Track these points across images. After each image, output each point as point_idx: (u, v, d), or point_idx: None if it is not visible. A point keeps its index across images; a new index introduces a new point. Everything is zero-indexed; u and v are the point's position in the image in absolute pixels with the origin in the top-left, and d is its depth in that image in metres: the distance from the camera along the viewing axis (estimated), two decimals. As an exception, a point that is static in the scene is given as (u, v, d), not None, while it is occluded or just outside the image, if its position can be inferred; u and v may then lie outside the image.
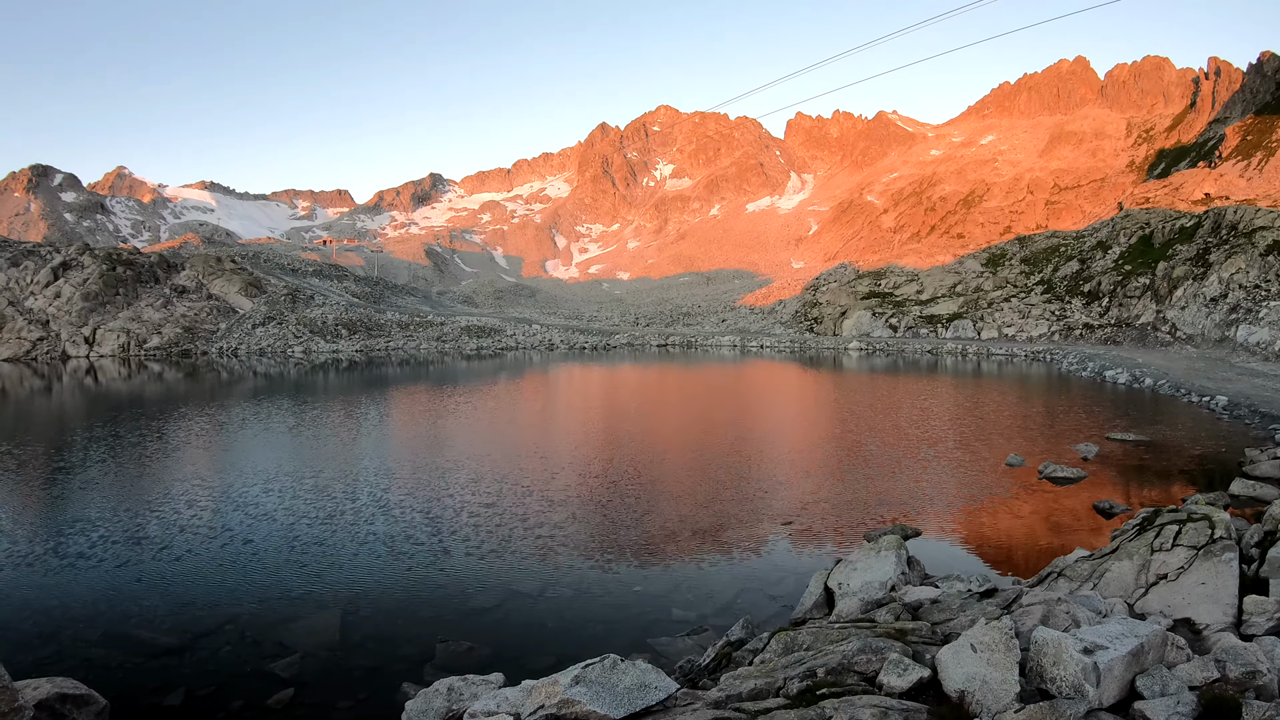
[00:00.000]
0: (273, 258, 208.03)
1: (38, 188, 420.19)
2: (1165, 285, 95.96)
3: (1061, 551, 15.78)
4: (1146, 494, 23.51)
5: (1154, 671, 6.76)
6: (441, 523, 20.06)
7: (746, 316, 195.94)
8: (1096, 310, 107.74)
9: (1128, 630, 7.06)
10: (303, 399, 54.15)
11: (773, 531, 19.32)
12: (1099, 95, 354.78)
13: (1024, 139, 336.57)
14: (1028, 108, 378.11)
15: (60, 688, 9.86)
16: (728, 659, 10.56)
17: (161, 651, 13.01)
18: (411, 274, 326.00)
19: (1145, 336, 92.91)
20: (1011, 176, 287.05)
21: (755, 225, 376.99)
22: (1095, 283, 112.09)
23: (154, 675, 12.24)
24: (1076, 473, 25.39)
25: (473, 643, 13.04)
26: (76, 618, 14.47)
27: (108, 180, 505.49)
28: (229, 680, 12.03)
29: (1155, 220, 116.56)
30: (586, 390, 63.13)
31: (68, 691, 9.84)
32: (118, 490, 25.60)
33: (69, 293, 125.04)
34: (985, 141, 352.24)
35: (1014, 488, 23.97)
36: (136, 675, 12.25)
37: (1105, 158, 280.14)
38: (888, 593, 11.93)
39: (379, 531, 19.34)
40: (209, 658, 12.77)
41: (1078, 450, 29.89)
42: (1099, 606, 9.56)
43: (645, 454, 31.16)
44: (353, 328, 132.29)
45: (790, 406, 50.21)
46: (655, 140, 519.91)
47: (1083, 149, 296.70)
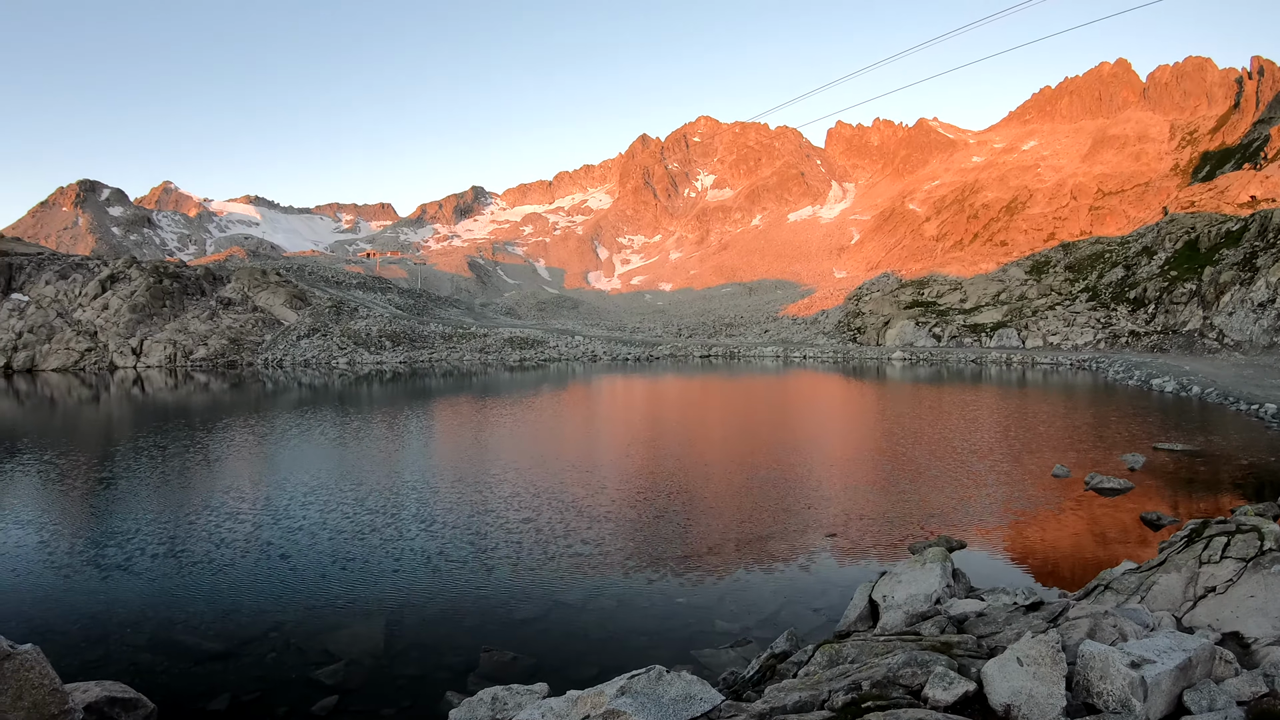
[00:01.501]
0: (317, 270, 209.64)
1: (85, 202, 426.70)
2: (1212, 291, 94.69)
3: (1108, 564, 15.54)
4: (1195, 505, 23.11)
5: (1202, 686, 6.63)
6: (485, 533, 20.06)
7: (789, 327, 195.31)
8: (1142, 317, 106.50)
9: (1175, 644, 6.94)
10: (347, 410, 54.54)
11: (816, 543, 19.19)
12: (1141, 98, 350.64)
13: (1066, 144, 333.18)
14: (1069, 112, 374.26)
15: (109, 691, 9.94)
16: (772, 671, 10.48)
17: (207, 657, 13.10)
18: (454, 286, 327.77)
19: (1192, 343, 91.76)
20: (1054, 182, 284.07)
21: (797, 235, 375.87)
22: (1141, 289, 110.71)
23: (200, 680, 12.31)
24: (1123, 483, 25.02)
25: (516, 652, 13.00)
26: (123, 622, 14.60)
27: (154, 195, 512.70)
28: (274, 686, 12.08)
29: (1201, 224, 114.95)
30: (629, 401, 63.10)
31: (116, 695, 9.91)
32: (164, 498, 25.88)
33: (117, 305, 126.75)
34: (1027, 147, 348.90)
35: (1060, 499, 23.66)
36: (182, 680, 12.33)
37: (1149, 161, 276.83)
38: (933, 605, 11.79)
39: (423, 541, 19.37)
40: (254, 664, 12.82)
41: (1124, 460, 29.48)
42: (1146, 620, 9.40)
43: (688, 465, 31.08)
44: (396, 339, 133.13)
45: (834, 417, 49.93)
46: (696, 151, 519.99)
47: (1126, 153, 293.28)
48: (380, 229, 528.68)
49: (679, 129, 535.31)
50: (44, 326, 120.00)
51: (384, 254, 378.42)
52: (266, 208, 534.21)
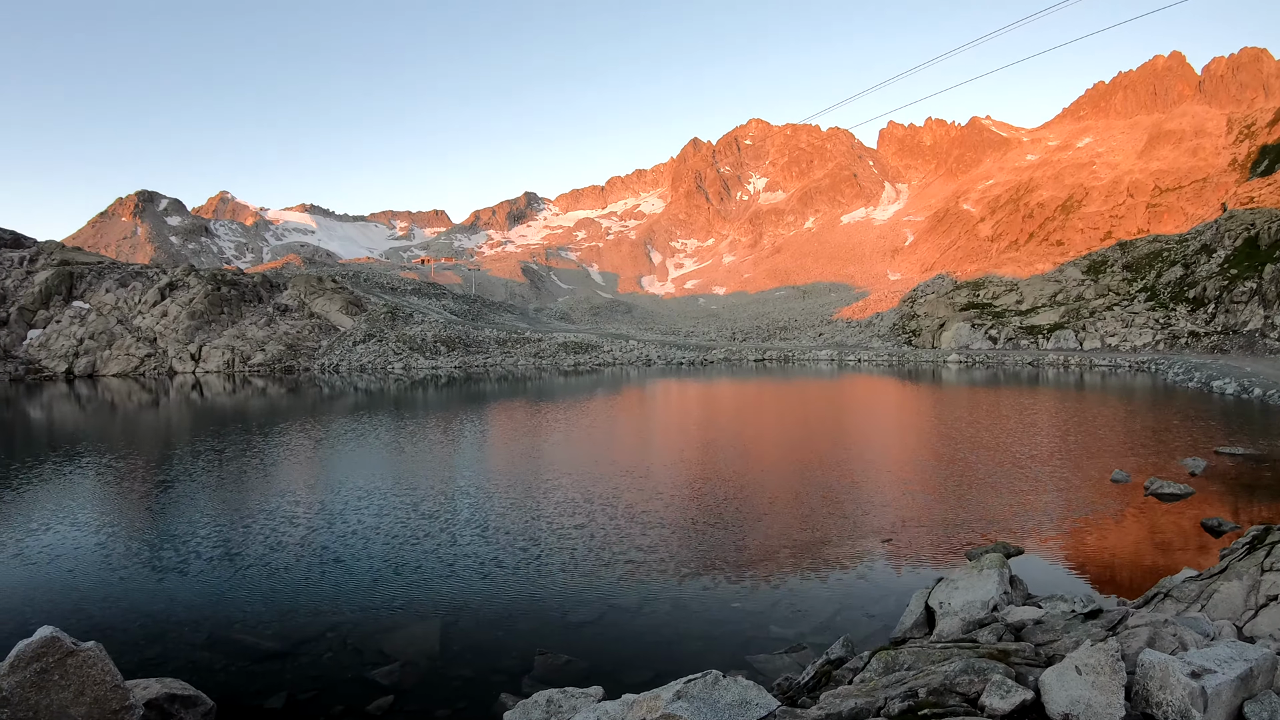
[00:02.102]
0: (372, 277, 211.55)
1: (144, 212, 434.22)
2: (1273, 289, 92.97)
3: (1168, 571, 15.27)
4: (1257, 511, 22.56)
5: (1263, 697, 6.46)
6: (539, 537, 20.07)
7: (844, 330, 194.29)
8: (1202, 317, 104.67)
9: (1236, 654, 6.78)
10: (402, 414, 54.92)
11: (872, 548, 18.99)
12: (1197, 91, 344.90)
13: (1121, 140, 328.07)
14: (1124, 107, 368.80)
15: (169, 688, 10.07)
16: (827, 677, 10.38)
17: (264, 656, 13.21)
18: (508, 291, 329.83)
19: (1253, 344, 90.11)
20: (1110, 180, 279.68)
21: (850, 237, 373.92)
22: (1200, 288, 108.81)
23: (257, 679, 12.42)
24: (1184, 489, 24.52)
25: (571, 656, 12.97)
26: (182, 621, 14.80)
27: (211, 204, 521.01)
28: (330, 685, 12.16)
29: (1261, 221, 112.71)
30: (683, 406, 63.00)
31: (176, 692, 10.04)
32: (221, 501, 26.22)
33: (175, 311, 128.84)
34: (1082, 144, 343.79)
35: (1119, 504, 23.23)
36: (240, 678, 12.44)
37: (1206, 156, 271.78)
38: (990, 612, 11.63)
39: (478, 544, 19.42)
40: (311, 663, 12.92)
41: (1185, 465, 28.91)
42: (1207, 629, 9.22)
43: (743, 470, 30.89)
44: (451, 344, 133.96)
45: (889, 421, 49.51)
46: (748, 154, 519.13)
47: (1182, 148, 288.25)
48: (434, 235, 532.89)
49: (730, 132, 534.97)
50: (104, 333, 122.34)
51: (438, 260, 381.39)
52: (322, 216, 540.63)
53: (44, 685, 8.15)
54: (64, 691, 8.21)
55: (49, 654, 8.28)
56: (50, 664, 8.24)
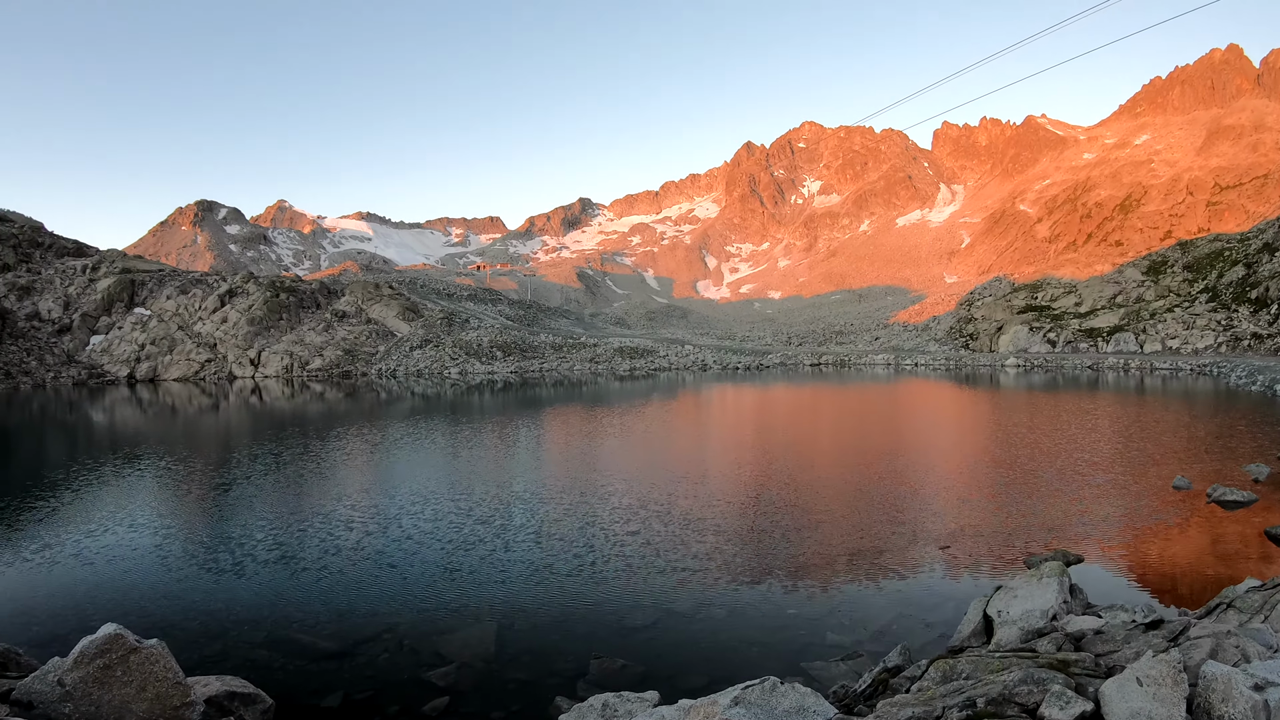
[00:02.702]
0: (428, 283, 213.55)
1: (203, 221, 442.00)
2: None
3: (1231, 581, 14.92)
4: (1322, 519, 22.18)
5: (1327, 711, 6.35)
6: (595, 541, 20.06)
7: (900, 334, 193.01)
8: (1265, 318, 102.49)
9: (1299, 666, 6.67)
10: (458, 419, 55.26)
11: (929, 555, 18.77)
12: (1255, 85, 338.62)
13: (1180, 136, 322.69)
14: (1181, 103, 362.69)
15: (229, 685, 10.20)
16: (884, 686, 10.28)
17: (322, 655, 13.32)
18: (564, 296, 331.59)
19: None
20: (1169, 177, 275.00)
21: (906, 240, 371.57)
22: (1263, 288, 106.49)
23: (314, 677, 12.52)
24: (1247, 496, 23.93)
25: (626, 660, 12.91)
26: (241, 620, 14.96)
27: (269, 213, 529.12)
28: (386, 686, 12.21)
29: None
30: (739, 411, 62.79)
31: (236, 689, 10.16)
32: (280, 502, 26.53)
33: (235, 318, 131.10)
34: (1139, 142, 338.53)
35: (1181, 512, 22.72)
36: (298, 677, 12.55)
37: (1266, 152, 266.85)
38: (1049, 622, 11.45)
39: (533, 549, 19.43)
40: (367, 664, 12.99)
41: (1248, 471, 28.23)
42: (1270, 640, 9.01)
43: (799, 476, 30.67)
44: (507, 350, 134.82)
45: (946, 426, 48.96)
46: (801, 157, 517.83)
47: (1242, 144, 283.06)
48: (489, 242, 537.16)
49: (783, 135, 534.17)
50: (165, 339, 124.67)
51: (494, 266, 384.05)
52: (378, 223, 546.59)
53: (107, 681, 8.27)
54: (126, 687, 8.32)
55: (112, 650, 8.39)
56: (113, 660, 8.36)
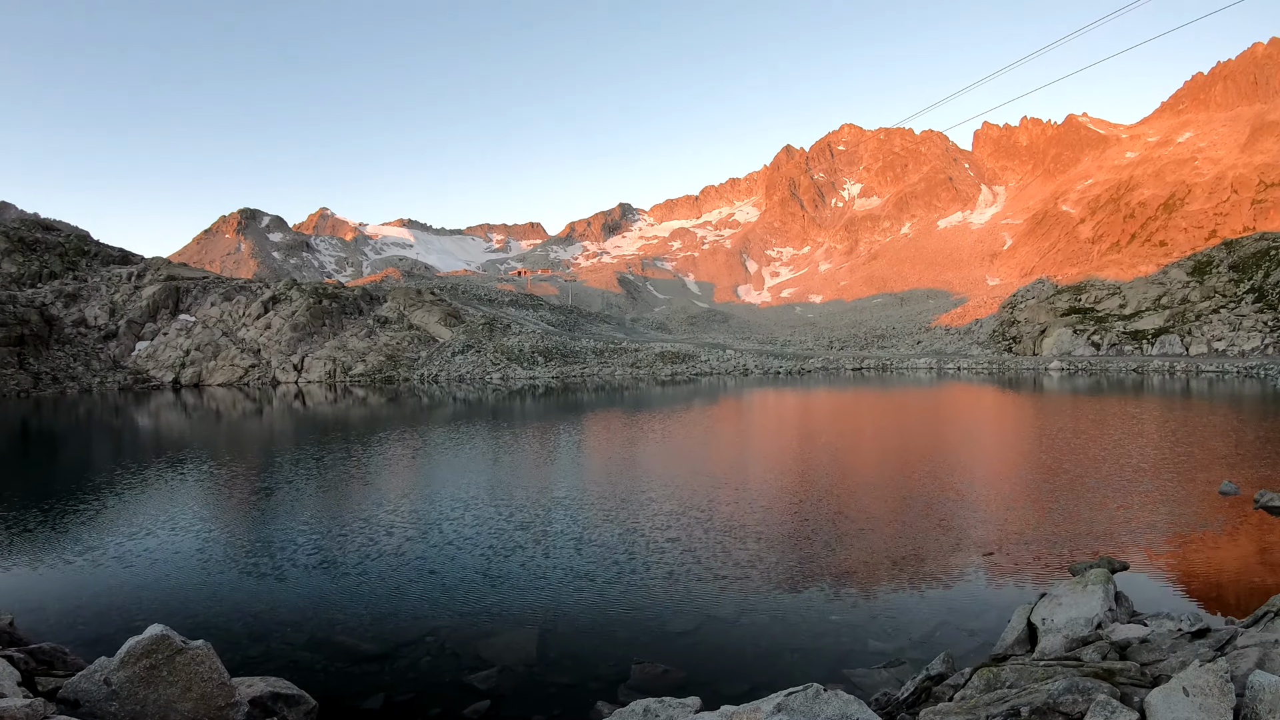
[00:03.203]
0: (470, 289, 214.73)
1: (247, 229, 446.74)
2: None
3: (1279, 589, 14.79)
4: (1372, 525, 21.77)
5: (1376, 721, 6.24)
6: (637, 546, 20.03)
7: (942, 337, 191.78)
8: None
9: (1349, 676, 6.55)
10: (500, 424, 55.50)
11: (972, 562, 18.58)
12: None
13: (1223, 133, 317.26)
14: (1224, 98, 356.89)
15: (273, 686, 10.30)
16: (927, 694, 10.19)
17: (364, 658, 13.40)
18: (605, 302, 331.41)
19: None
20: (1213, 175, 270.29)
21: (947, 242, 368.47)
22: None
23: (356, 680, 12.61)
24: (1295, 502, 23.69)
25: (668, 665, 12.88)
26: (284, 622, 15.11)
27: (311, 221, 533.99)
28: (428, 689, 12.27)
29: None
30: (781, 416, 62.53)
31: (280, 691, 10.25)
32: (322, 506, 26.80)
33: (279, 324, 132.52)
34: (1182, 139, 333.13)
35: (1227, 518, 22.29)
36: (340, 679, 12.64)
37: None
38: (1093, 630, 11.30)
39: (575, 553, 19.46)
40: (409, 666, 13.06)
41: (1296, 477, 27.99)
42: (1318, 650, 8.91)
43: (841, 481, 30.50)
44: (549, 355, 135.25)
45: (990, 431, 48.49)
46: (841, 160, 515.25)
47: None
48: (530, 248, 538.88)
49: (823, 138, 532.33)
50: (210, 344, 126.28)
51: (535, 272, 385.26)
52: (419, 230, 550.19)
53: (153, 680, 8.36)
54: (171, 687, 8.41)
55: (158, 651, 8.49)
56: (159, 660, 8.46)
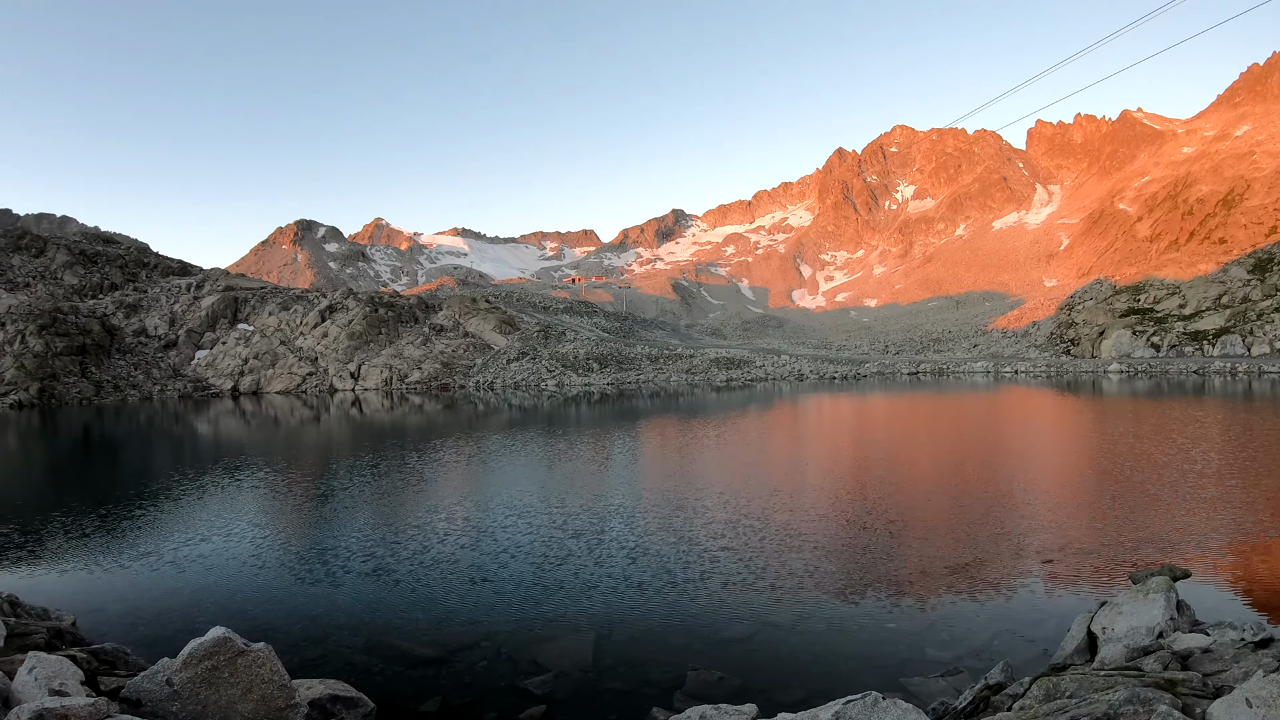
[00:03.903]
0: (524, 297, 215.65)
1: (303, 240, 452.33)
2: None
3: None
4: None
5: None
6: (692, 553, 19.97)
7: (999, 340, 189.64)
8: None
9: None
10: (555, 430, 55.67)
11: (1031, 570, 18.31)
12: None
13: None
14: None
15: (332, 689, 10.42)
16: (985, 703, 10.08)
17: (421, 661, 13.51)
18: (659, 308, 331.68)
19: None
20: (1273, 170, 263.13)
21: (1003, 243, 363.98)
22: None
23: (413, 683, 12.71)
24: (1364, 508, 23.12)
25: (723, 672, 12.84)
26: (341, 625, 15.30)
27: (367, 231, 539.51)
28: (484, 693, 12.34)
29: None
30: (836, 421, 62.09)
31: (339, 693, 10.37)
32: (379, 510, 27.09)
33: (335, 333, 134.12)
34: (1240, 133, 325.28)
35: (1292, 525, 22.01)
36: (396, 682, 12.76)
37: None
38: (1155, 639, 11.11)
39: (630, 560, 19.45)
40: (465, 670, 13.15)
41: (1366, 482, 27.35)
42: (1386, 661, 8.73)
43: (898, 487, 30.20)
44: (603, 361, 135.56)
45: (1049, 436, 47.73)
46: (894, 161, 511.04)
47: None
48: (584, 255, 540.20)
49: (875, 140, 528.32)
50: (268, 353, 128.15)
51: (589, 279, 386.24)
52: (473, 239, 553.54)
53: (214, 682, 8.50)
54: (232, 688, 8.54)
55: (220, 653, 8.63)
56: (221, 662, 8.59)
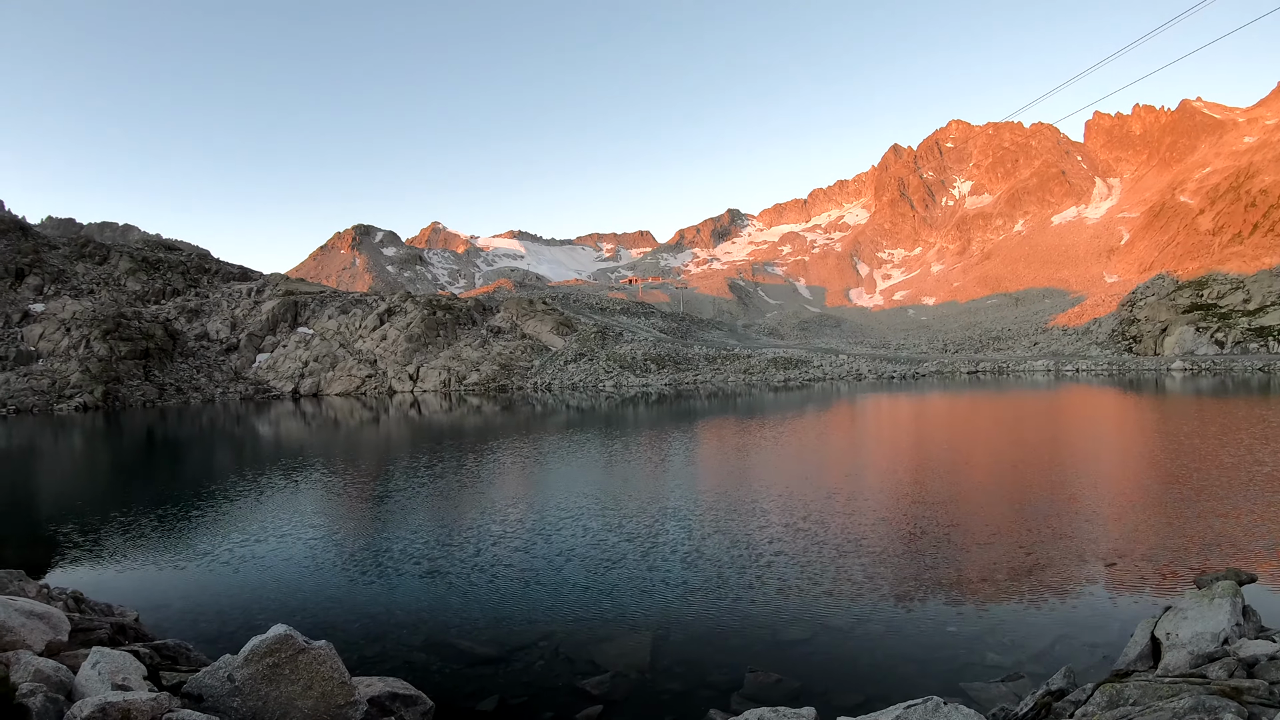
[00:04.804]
0: (581, 298, 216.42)
1: (361, 245, 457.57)
2: None
3: None
4: None
5: None
6: (750, 554, 19.89)
7: (1059, 338, 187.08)
8: None
9: None
10: (612, 432, 55.84)
11: (1093, 573, 17.98)
12: None
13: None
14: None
15: (392, 687, 10.58)
16: (1047, 709, 9.93)
17: (478, 660, 13.61)
18: (716, 308, 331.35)
19: None
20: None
21: (1062, 239, 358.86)
22: None
23: (471, 681, 12.80)
24: None
25: (781, 674, 12.76)
26: (400, 623, 15.45)
27: (424, 235, 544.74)
28: (541, 692, 12.40)
29: None
30: (895, 421, 61.56)
31: (399, 691, 10.52)
32: (437, 511, 27.34)
33: (394, 335, 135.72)
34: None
35: (1364, 528, 21.45)
36: (454, 680, 12.86)
37: None
38: (1220, 646, 10.87)
39: (689, 560, 19.44)
40: (523, 670, 13.22)
41: None
42: None
43: (958, 489, 29.85)
44: (661, 362, 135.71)
45: (1111, 436, 46.94)
46: (950, 157, 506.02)
47: None
48: (640, 256, 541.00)
49: (930, 136, 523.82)
50: (328, 356, 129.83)
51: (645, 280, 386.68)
52: (530, 241, 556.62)
53: (275, 678, 8.63)
54: (293, 685, 8.66)
55: (281, 650, 8.76)
56: (282, 659, 8.72)
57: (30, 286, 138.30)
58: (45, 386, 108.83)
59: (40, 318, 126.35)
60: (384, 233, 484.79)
